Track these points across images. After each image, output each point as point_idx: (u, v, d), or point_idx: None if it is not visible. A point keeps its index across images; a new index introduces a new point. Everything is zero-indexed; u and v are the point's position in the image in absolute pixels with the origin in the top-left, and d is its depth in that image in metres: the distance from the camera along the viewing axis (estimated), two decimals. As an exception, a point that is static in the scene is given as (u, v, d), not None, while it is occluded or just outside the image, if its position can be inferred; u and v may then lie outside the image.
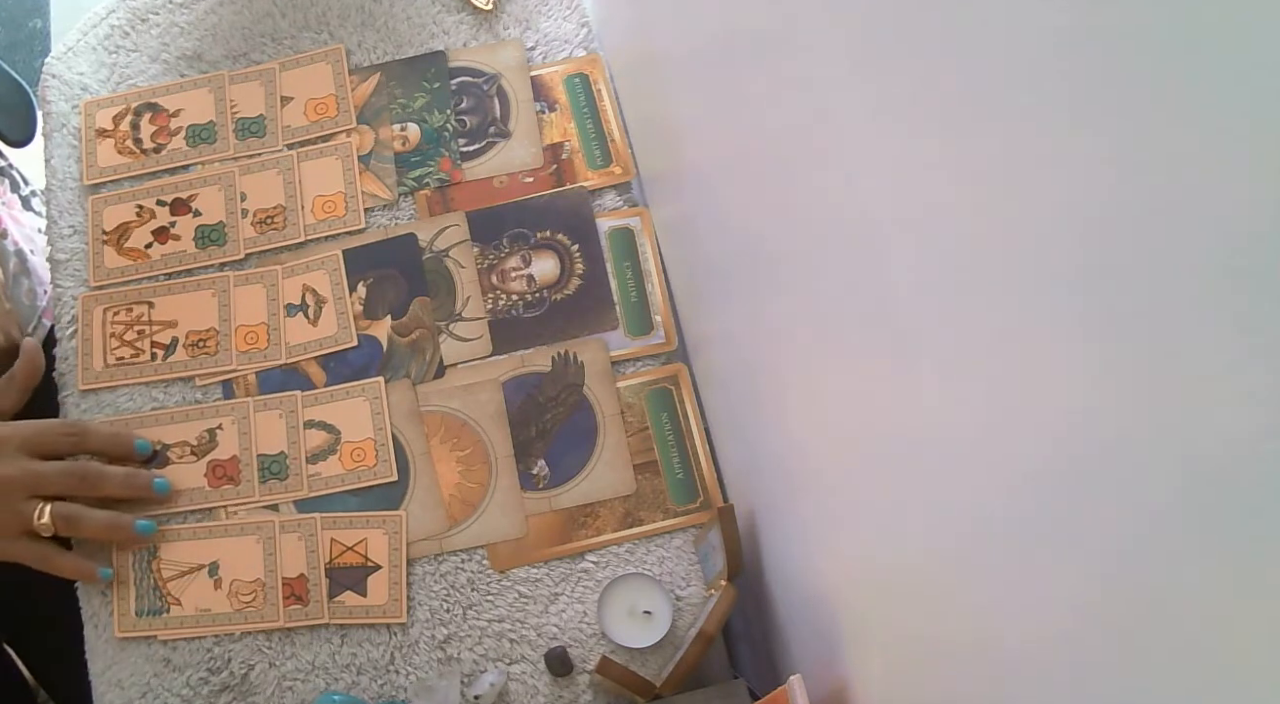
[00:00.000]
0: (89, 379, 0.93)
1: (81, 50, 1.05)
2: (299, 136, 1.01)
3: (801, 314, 0.64)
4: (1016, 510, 0.41)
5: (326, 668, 0.85)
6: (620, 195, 0.99)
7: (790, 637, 0.80)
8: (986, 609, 0.45)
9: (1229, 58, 0.26)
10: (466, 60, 1.04)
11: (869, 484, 0.58)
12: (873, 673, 0.63)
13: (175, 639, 0.86)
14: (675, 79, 0.83)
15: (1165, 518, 0.32)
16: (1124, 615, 0.35)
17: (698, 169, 0.81)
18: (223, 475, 0.90)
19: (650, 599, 0.84)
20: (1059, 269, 0.35)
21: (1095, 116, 0.31)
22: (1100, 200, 0.32)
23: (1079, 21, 0.31)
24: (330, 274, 0.96)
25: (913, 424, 0.50)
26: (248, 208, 0.99)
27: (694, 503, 0.89)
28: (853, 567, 0.64)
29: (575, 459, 0.91)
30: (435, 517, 0.89)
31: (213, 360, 0.94)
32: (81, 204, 1.00)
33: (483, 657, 0.85)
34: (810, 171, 0.57)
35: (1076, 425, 0.36)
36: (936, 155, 0.42)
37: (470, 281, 0.96)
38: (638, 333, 0.95)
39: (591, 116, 1.02)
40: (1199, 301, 0.28)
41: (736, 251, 0.75)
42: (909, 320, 0.48)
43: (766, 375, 0.74)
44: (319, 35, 1.05)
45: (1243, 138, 0.26)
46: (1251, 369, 0.27)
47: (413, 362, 0.93)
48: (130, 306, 0.96)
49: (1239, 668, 0.29)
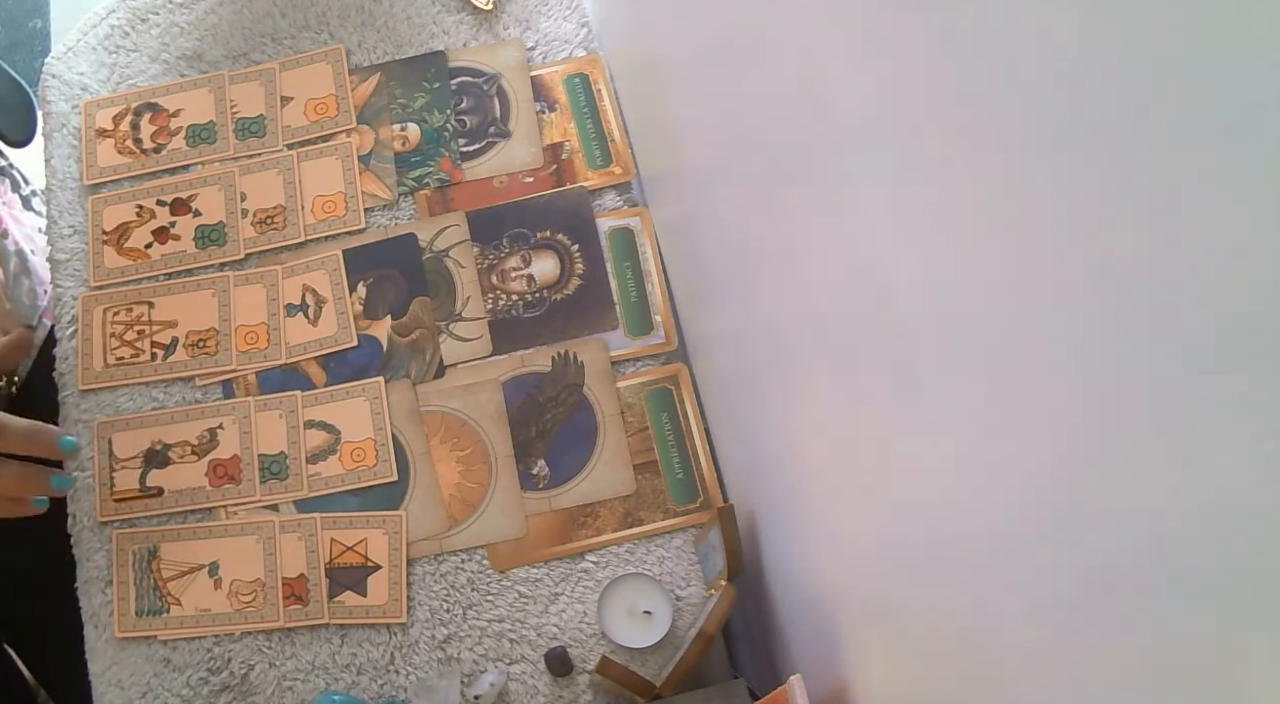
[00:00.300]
0: (89, 379, 0.93)
1: (81, 50, 1.05)
2: (299, 136, 1.01)
3: (802, 314, 0.64)
4: (1016, 511, 0.41)
5: (326, 668, 0.85)
6: (620, 195, 0.99)
7: (790, 637, 0.80)
8: (986, 609, 0.45)
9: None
10: (466, 60, 1.04)
11: (869, 485, 0.58)
12: (873, 673, 0.63)
13: (175, 639, 0.86)
14: (675, 79, 0.83)
15: (1164, 519, 0.32)
16: (1124, 616, 0.35)
17: (698, 169, 0.81)
18: (224, 475, 0.90)
19: (650, 599, 0.84)
20: (1056, 258, 0.35)
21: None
22: (1095, 215, 0.32)
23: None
24: (330, 274, 0.96)
25: (913, 424, 0.50)
26: (248, 208, 0.99)
27: (694, 503, 0.89)
28: (853, 567, 0.64)
29: (575, 459, 0.91)
30: (435, 517, 0.89)
31: (213, 360, 0.94)
32: (81, 204, 1.00)
33: (483, 657, 0.85)
34: (810, 172, 0.57)
35: (1076, 425, 0.36)
36: (936, 154, 0.42)
37: (470, 281, 0.96)
38: (638, 333, 0.95)
39: (591, 116, 1.02)
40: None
41: (737, 251, 0.75)
42: (909, 320, 0.48)
43: (767, 375, 0.74)
44: (319, 35, 1.05)
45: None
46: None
47: (413, 362, 0.93)
48: (130, 306, 0.96)
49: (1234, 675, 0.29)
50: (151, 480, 0.90)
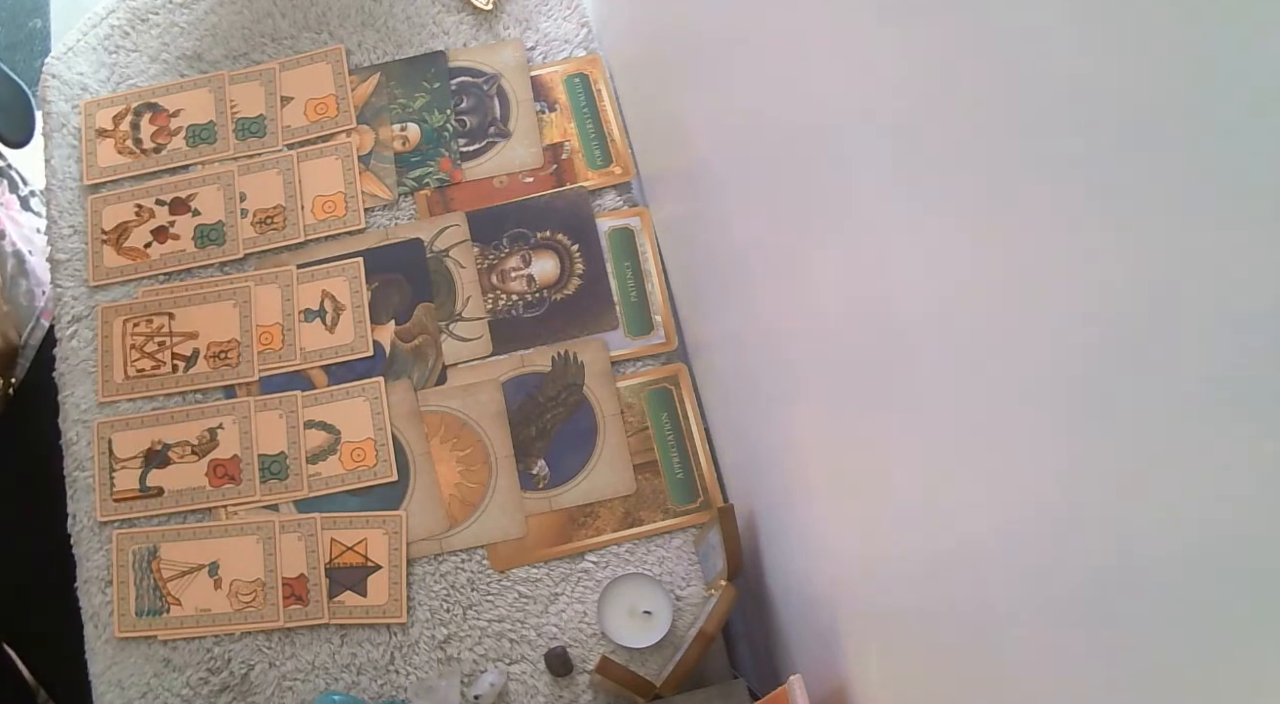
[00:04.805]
0: (110, 391, 0.93)
1: (81, 50, 1.05)
2: (299, 136, 1.01)
3: (803, 314, 0.64)
4: (1015, 513, 0.41)
5: (326, 668, 0.85)
6: (620, 195, 0.99)
7: (790, 637, 0.80)
8: (986, 610, 0.45)
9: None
10: (466, 60, 1.04)
11: (869, 486, 0.58)
12: (872, 673, 0.63)
13: (175, 639, 0.86)
14: (676, 79, 0.83)
15: (1164, 521, 0.32)
16: (1124, 616, 0.35)
17: (698, 169, 0.81)
18: (224, 475, 0.90)
19: (650, 599, 0.84)
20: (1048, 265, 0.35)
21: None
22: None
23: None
24: (350, 281, 0.96)
25: (913, 427, 0.50)
26: (247, 207, 0.99)
27: (694, 503, 0.89)
28: (853, 567, 0.64)
29: (575, 459, 0.91)
30: (435, 517, 0.89)
31: (234, 371, 0.94)
32: (81, 204, 1.00)
33: (483, 657, 0.85)
34: (811, 172, 0.57)
35: (1075, 428, 0.36)
36: (937, 154, 0.42)
37: (470, 281, 0.96)
38: (638, 333, 0.95)
39: (591, 116, 1.02)
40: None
41: (737, 251, 0.75)
42: (910, 324, 0.48)
43: (767, 376, 0.74)
44: (319, 35, 1.05)
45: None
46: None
47: (415, 367, 0.93)
48: (150, 317, 0.95)
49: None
50: (151, 480, 0.90)
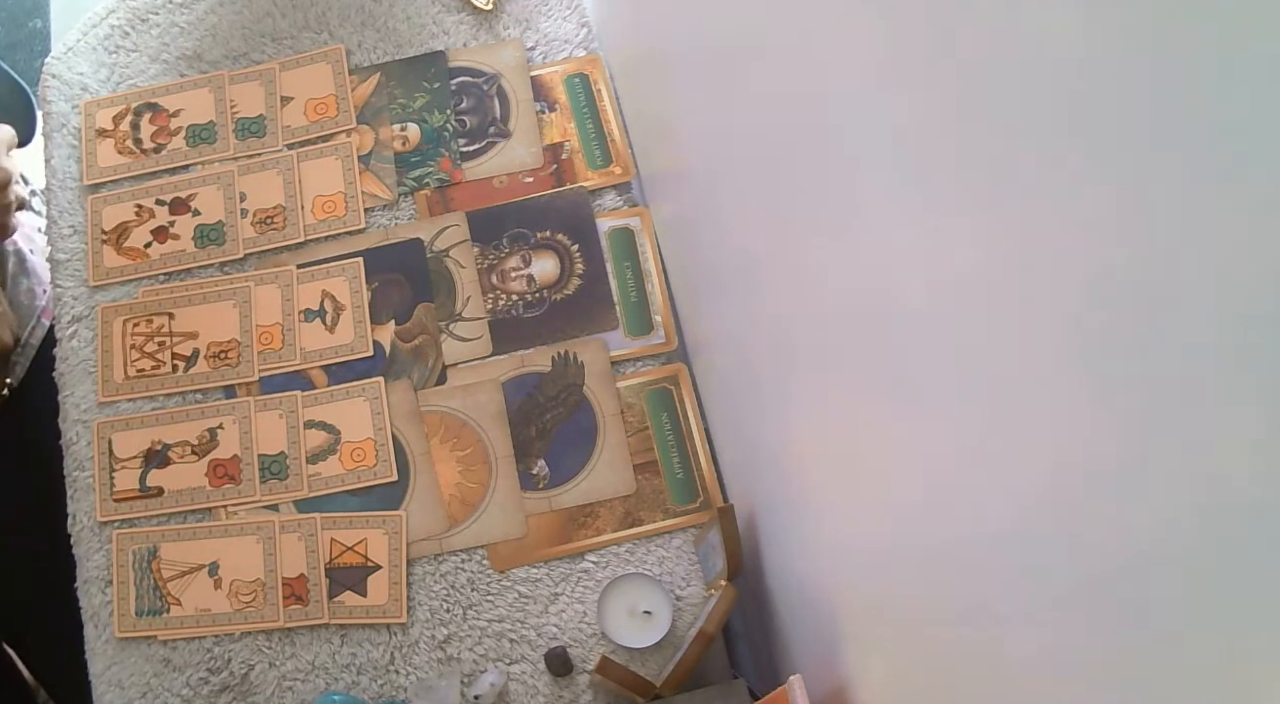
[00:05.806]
0: (109, 391, 0.93)
1: (81, 50, 1.05)
2: (299, 136, 1.01)
3: (803, 314, 0.64)
4: (1016, 512, 0.41)
5: (326, 668, 0.85)
6: (620, 195, 0.99)
7: (790, 637, 0.80)
8: (986, 610, 0.45)
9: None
10: (466, 60, 1.04)
11: (870, 485, 0.58)
12: (873, 673, 0.63)
13: (175, 639, 0.86)
14: (675, 79, 0.83)
15: (1164, 520, 0.32)
16: (1124, 616, 0.35)
17: (699, 169, 0.81)
18: (224, 475, 0.90)
19: (650, 599, 0.84)
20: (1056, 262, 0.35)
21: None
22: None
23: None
24: (350, 282, 0.96)
25: (913, 426, 0.50)
26: (247, 207, 0.99)
27: (694, 503, 0.89)
28: (853, 567, 0.64)
29: (575, 459, 0.91)
30: (435, 517, 0.89)
31: (234, 372, 0.94)
32: (81, 204, 1.00)
33: (483, 657, 0.85)
34: (811, 171, 0.57)
35: (1076, 427, 0.36)
36: (937, 154, 0.42)
37: (470, 281, 0.96)
38: (638, 333, 0.95)
39: (591, 116, 1.02)
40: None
41: (738, 251, 0.75)
42: (911, 321, 0.48)
43: (767, 375, 0.74)
44: (319, 35, 1.05)
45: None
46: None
47: (415, 367, 0.93)
48: (150, 317, 0.95)
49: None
50: (151, 480, 0.90)
